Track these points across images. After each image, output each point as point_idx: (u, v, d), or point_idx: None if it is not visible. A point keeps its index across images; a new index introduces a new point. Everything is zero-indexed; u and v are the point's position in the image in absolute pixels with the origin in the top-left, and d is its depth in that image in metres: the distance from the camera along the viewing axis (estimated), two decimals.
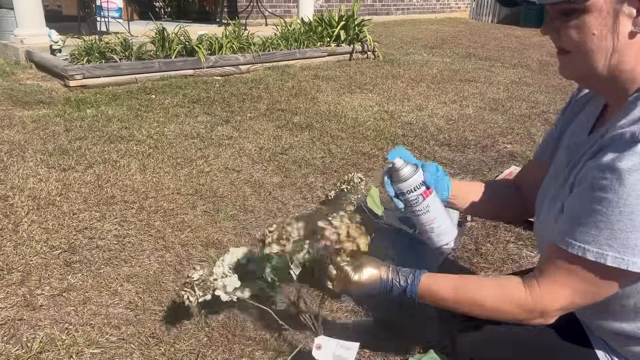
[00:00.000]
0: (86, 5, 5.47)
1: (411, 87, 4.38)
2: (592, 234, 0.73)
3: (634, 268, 0.71)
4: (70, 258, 1.67)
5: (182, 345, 1.31)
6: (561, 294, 0.79)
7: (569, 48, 0.80)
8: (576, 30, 0.76)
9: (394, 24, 9.42)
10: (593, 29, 0.75)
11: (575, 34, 0.77)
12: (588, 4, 0.73)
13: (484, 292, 0.88)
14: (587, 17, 0.74)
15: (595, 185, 0.73)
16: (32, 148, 2.56)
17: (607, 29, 0.74)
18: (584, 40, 0.76)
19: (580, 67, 0.80)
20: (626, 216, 0.70)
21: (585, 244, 0.74)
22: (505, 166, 2.64)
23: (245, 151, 2.69)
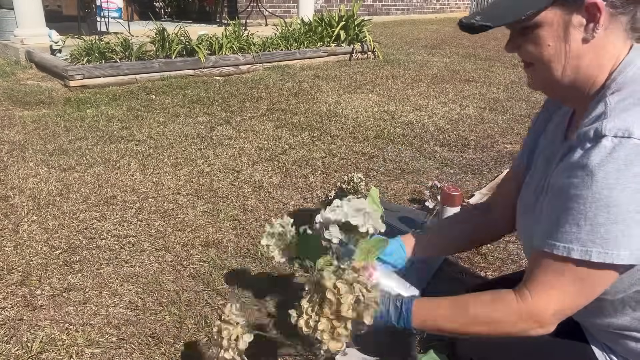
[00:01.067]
0: (86, 5, 5.47)
1: (411, 87, 4.38)
2: (574, 232, 0.74)
3: (619, 260, 0.72)
4: (71, 258, 1.67)
5: (182, 345, 1.31)
6: (553, 297, 0.79)
7: (531, 60, 0.85)
8: (533, 44, 0.82)
9: (394, 24, 9.43)
10: (548, 41, 0.80)
11: (533, 48, 0.82)
12: (538, 19, 0.78)
13: (477, 306, 0.87)
14: (540, 31, 0.80)
15: (568, 185, 0.75)
16: (32, 148, 2.56)
17: (560, 39, 0.79)
18: (540, 52, 0.82)
19: (544, 77, 0.85)
20: (602, 210, 0.71)
21: (568, 243, 0.75)
22: (505, 166, 2.63)
23: (245, 151, 2.69)
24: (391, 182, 2.40)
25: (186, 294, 1.52)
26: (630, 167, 0.69)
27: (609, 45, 0.79)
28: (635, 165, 0.69)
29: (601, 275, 0.76)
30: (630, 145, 0.69)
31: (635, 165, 0.69)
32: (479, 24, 0.81)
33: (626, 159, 0.69)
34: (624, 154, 0.69)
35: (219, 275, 1.61)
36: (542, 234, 0.80)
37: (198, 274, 1.62)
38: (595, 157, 0.71)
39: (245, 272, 1.65)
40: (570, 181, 0.74)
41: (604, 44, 0.79)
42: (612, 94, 0.77)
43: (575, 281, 0.77)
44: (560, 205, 0.76)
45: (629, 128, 0.70)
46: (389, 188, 2.34)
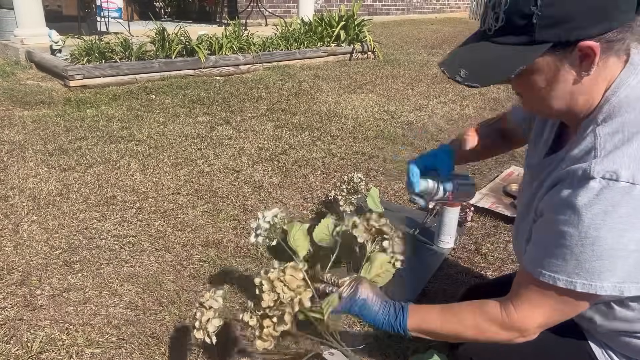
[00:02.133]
0: (86, 5, 5.48)
1: (411, 87, 4.38)
2: (560, 264, 0.77)
3: (602, 292, 0.75)
4: (71, 258, 1.67)
5: (182, 345, 1.31)
6: (537, 313, 0.83)
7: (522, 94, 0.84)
8: (522, 87, 0.81)
9: (394, 24, 9.43)
10: (539, 84, 0.78)
11: (525, 90, 0.82)
12: (529, 68, 0.75)
13: (465, 314, 0.91)
14: (531, 77, 0.78)
15: (557, 220, 0.77)
16: (32, 148, 2.56)
17: (552, 81, 0.77)
18: (534, 93, 0.80)
19: (538, 108, 0.85)
20: (588, 247, 0.74)
21: (555, 273, 0.78)
22: (505, 166, 2.64)
23: (245, 151, 2.69)
24: (391, 182, 2.40)
25: (186, 294, 1.52)
26: (616, 209, 0.71)
27: (603, 72, 0.77)
28: (621, 207, 0.71)
29: (583, 300, 0.80)
30: (618, 188, 0.71)
31: (621, 206, 0.71)
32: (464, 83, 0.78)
33: (613, 201, 0.71)
34: (610, 196, 0.71)
35: (219, 276, 1.61)
36: (531, 260, 0.83)
37: (198, 274, 1.62)
38: (583, 197, 0.73)
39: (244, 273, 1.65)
40: (559, 217, 0.77)
41: (598, 75, 0.77)
42: (604, 124, 0.77)
43: (558, 303, 0.81)
44: (549, 237, 0.79)
45: (617, 170, 0.71)
46: (389, 188, 2.34)
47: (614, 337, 0.91)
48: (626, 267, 0.73)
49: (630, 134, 0.74)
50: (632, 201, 0.70)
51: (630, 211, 0.71)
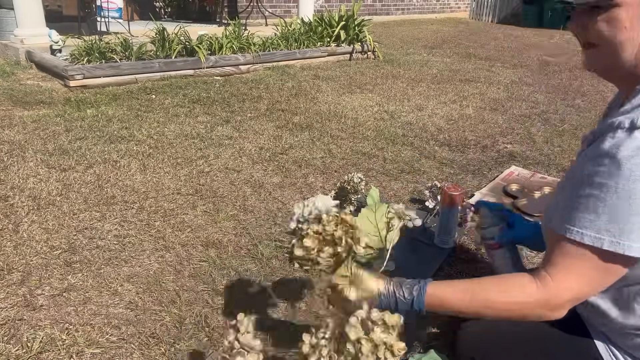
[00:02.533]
0: (86, 5, 5.47)
1: (411, 87, 4.38)
2: (591, 219, 0.74)
3: (630, 252, 0.72)
4: (71, 258, 1.67)
5: (182, 345, 1.31)
6: (572, 281, 0.79)
7: (598, 42, 0.80)
8: (607, 24, 0.77)
9: (394, 24, 9.43)
10: (625, 22, 0.75)
11: (606, 28, 0.77)
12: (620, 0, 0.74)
13: (493, 294, 0.86)
14: (618, 11, 0.75)
15: (594, 172, 0.74)
16: (33, 148, 2.56)
17: (637, 20, 0.75)
18: (614, 33, 0.77)
19: (609, 59, 0.81)
20: (624, 201, 0.71)
21: (583, 228, 0.75)
22: (505, 166, 2.64)
23: (245, 151, 2.69)
24: (391, 182, 2.40)
25: (186, 294, 1.52)
26: None
27: None
28: None
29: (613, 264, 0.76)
30: None
31: None
32: None
33: None
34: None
35: (219, 275, 1.61)
36: (561, 217, 0.80)
37: (198, 274, 1.62)
38: (625, 148, 0.71)
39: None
40: (596, 169, 0.74)
41: None
42: None
43: (589, 267, 0.77)
44: (582, 191, 0.76)
45: None
46: (389, 188, 2.34)
47: (625, 335, 0.90)
48: None
49: None
50: None
51: None
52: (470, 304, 0.86)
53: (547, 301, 0.81)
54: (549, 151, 2.90)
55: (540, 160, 2.75)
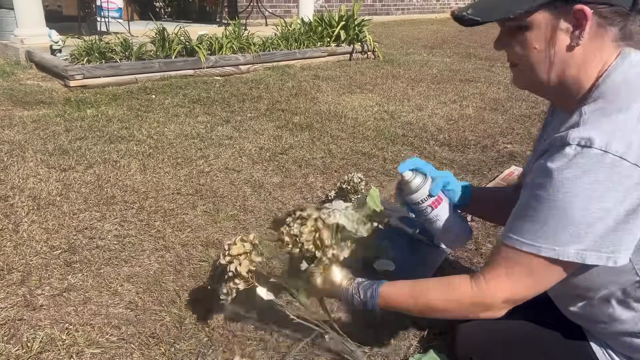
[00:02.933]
0: (86, 5, 5.48)
1: (411, 87, 4.38)
2: (528, 227, 0.80)
3: (564, 257, 0.77)
4: (71, 258, 1.67)
5: (182, 345, 1.31)
6: (504, 285, 0.85)
7: (517, 61, 0.87)
8: (520, 45, 0.84)
9: (394, 24, 9.43)
10: (534, 44, 0.82)
11: (520, 49, 0.85)
12: (527, 21, 0.80)
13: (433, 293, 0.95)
14: (528, 34, 0.82)
15: (533, 184, 0.80)
16: (32, 148, 2.56)
17: (546, 42, 0.81)
18: (527, 54, 0.84)
19: (528, 78, 0.88)
20: (555, 210, 0.76)
21: (521, 237, 0.81)
22: (505, 166, 2.64)
23: (245, 151, 2.69)
24: (391, 182, 2.40)
25: (186, 294, 1.52)
26: (587, 175, 0.73)
27: (596, 52, 0.81)
28: (591, 173, 0.72)
29: (549, 270, 0.81)
30: (590, 155, 0.73)
31: (591, 173, 0.72)
32: (468, 17, 0.83)
33: (584, 167, 0.73)
34: (582, 162, 0.73)
35: (219, 275, 1.61)
36: (506, 227, 0.86)
37: (198, 274, 1.62)
38: (557, 162, 0.75)
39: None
40: (535, 182, 0.79)
41: (590, 52, 0.81)
42: (590, 103, 0.80)
43: (525, 273, 0.83)
44: (523, 202, 0.82)
45: (591, 137, 0.73)
46: (389, 188, 2.34)
47: (617, 338, 0.91)
48: (591, 235, 0.74)
49: (611, 111, 0.77)
50: (602, 169, 0.72)
51: (600, 178, 0.72)
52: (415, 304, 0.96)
53: (480, 301, 0.87)
54: None
55: None
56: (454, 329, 1.18)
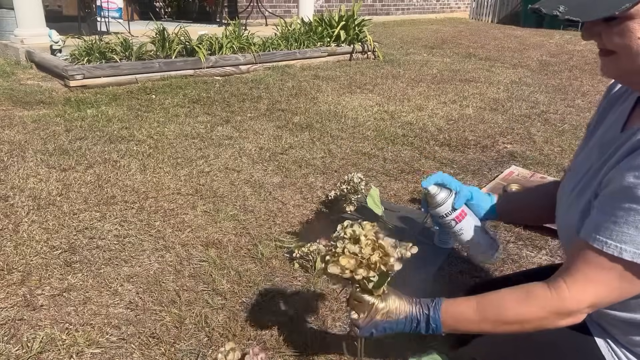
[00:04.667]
0: (86, 5, 5.47)
1: (411, 87, 4.38)
2: (630, 234, 0.73)
3: None
4: (71, 258, 1.67)
5: (182, 345, 1.31)
6: (592, 291, 0.79)
7: (615, 49, 0.79)
8: (619, 35, 0.76)
9: (394, 24, 9.43)
10: (638, 33, 0.74)
11: (619, 39, 0.76)
12: (631, 12, 0.73)
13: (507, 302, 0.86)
14: (631, 23, 0.74)
15: (632, 186, 0.73)
16: (33, 148, 2.56)
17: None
18: (629, 43, 0.76)
19: (625, 68, 0.80)
20: None
21: (622, 243, 0.74)
22: (505, 166, 2.64)
23: (246, 151, 2.69)
24: (391, 182, 2.40)
25: (186, 294, 1.52)
26: None
27: None
28: None
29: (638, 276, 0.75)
30: None
31: None
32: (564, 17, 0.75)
33: None
34: None
35: (219, 275, 1.61)
36: (593, 228, 0.78)
37: (198, 274, 1.62)
38: None
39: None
40: (635, 182, 0.73)
41: None
42: None
43: (618, 280, 0.77)
44: (619, 204, 0.75)
45: None
46: (389, 188, 2.34)
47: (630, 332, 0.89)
48: None
49: None
50: None
51: None
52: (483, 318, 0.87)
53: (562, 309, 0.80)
54: (549, 151, 2.90)
55: (540, 160, 2.75)
56: None
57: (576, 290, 0.79)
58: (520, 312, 0.84)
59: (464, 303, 0.90)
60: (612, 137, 0.92)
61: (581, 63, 5.81)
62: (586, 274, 0.79)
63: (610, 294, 0.78)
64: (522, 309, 0.84)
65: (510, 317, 0.85)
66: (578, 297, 0.79)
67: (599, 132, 0.99)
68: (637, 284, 0.76)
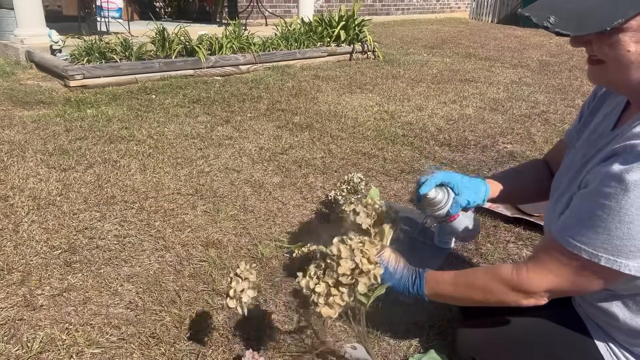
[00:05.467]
0: (86, 5, 5.47)
1: (411, 87, 4.38)
2: (590, 235, 0.77)
3: (625, 270, 0.75)
4: (71, 258, 1.67)
5: (182, 345, 1.31)
6: (547, 278, 0.85)
7: (605, 60, 0.80)
8: (610, 47, 0.76)
9: (394, 24, 9.43)
10: (628, 47, 0.75)
11: (609, 50, 0.77)
12: (623, 25, 0.73)
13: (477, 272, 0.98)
14: (622, 36, 0.74)
15: (601, 191, 0.76)
16: (33, 148, 2.56)
17: None
18: (619, 56, 0.76)
19: (613, 78, 0.81)
20: (625, 225, 0.73)
21: (581, 244, 0.78)
22: (505, 166, 2.64)
23: (246, 151, 2.69)
24: (391, 182, 2.40)
25: (186, 294, 1.52)
26: None
27: None
28: None
29: (602, 277, 0.79)
30: None
31: None
32: (554, 30, 0.75)
33: None
34: None
35: (219, 275, 1.61)
36: (562, 226, 0.83)
37: (198, 274, 1.62)
38: (634, 174, 0.71)
39: None
40: (603, 189, 0.75)
41: None
42: None
43: (574, 274, 0.82)
44: (587, 207, 0.79)
45: None
46: (389, 188, 2.34)
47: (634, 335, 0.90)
48: None
49: None
50: None
51: None
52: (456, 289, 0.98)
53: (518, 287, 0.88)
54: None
55: None
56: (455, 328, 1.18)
57: (534, 275, 0.86)
58: (486, 282, 0.94)
59: (441, 274, 1.03)
60: (600, 135, 0.94)
61: (581, 63, 5.81)
62: (547, 264, 0.85)
63: (565, 285, 0.84)
64: (487, 280, 0.93)
65: (478, 285, 0.95)
66: (533, 281, 0.86)
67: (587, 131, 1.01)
68: (592, 281, 0.81)
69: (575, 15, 0.75)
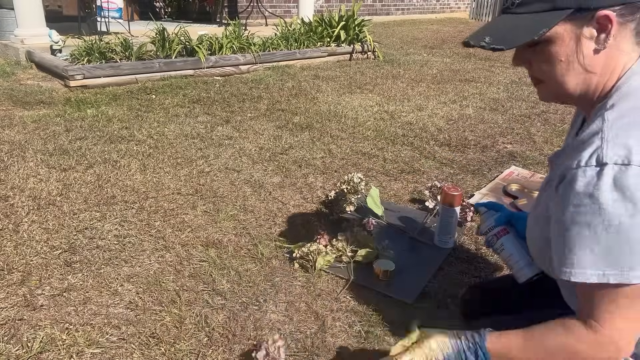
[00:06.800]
0: (86, 5, 5.48)
1: (411, 87, 4.38)
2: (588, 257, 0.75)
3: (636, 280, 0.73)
4: (71, 258, 1.67)
5: (182, 345, 1.31)
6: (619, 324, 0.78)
7: (542, 77, 0.85)
8: (544, 61, 0.82)
9: (394, 24, 9.43)
10: (560, 57, 0.80)
11: (545, 65, 0.83)
12: (549, 35, 0.78)
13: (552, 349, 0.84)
14: (551, 47, 0.80)
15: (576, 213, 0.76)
16: (33, 148, 2.56)
17: (572, 52, 0.80)
18: (553, 68, 0.82)
19: (556, 92, 0.86)
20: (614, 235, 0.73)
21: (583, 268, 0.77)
22: (505, 166, 2.64)
23: (246, 151, 2.69)
24: (391, 182, 2.40)
25: (186, 294, 1.52)
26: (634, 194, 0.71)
27: (619, 53, 0.80)
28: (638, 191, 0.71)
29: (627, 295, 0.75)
30: (632, 173, 0.71)
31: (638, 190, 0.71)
32: (490, 47, 0.80)
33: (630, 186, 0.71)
34: (627, 182, 0.71)
35: (219, 275, 1.61)
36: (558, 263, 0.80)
37: (198, 274, 1.62)
38: (600, 186, 0.72)
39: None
40: (578, 210, 0.75)
41: (614, 53, 0.80)
42: (612, 108, 0.78)
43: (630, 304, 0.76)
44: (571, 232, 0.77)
45: (628, 155, 0.72)
46: (389, 188, 2.34)
47: None
48: None
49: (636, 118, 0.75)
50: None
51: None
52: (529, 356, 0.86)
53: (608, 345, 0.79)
54: (549, 151, 2.90)
55: (540, 160, 2.75)
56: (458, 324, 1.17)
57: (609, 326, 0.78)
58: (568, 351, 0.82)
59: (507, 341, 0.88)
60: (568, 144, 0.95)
61: None
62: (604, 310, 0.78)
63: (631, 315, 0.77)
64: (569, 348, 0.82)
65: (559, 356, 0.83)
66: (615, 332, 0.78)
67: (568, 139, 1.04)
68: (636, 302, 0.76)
69: (505, 32, 0.81)
